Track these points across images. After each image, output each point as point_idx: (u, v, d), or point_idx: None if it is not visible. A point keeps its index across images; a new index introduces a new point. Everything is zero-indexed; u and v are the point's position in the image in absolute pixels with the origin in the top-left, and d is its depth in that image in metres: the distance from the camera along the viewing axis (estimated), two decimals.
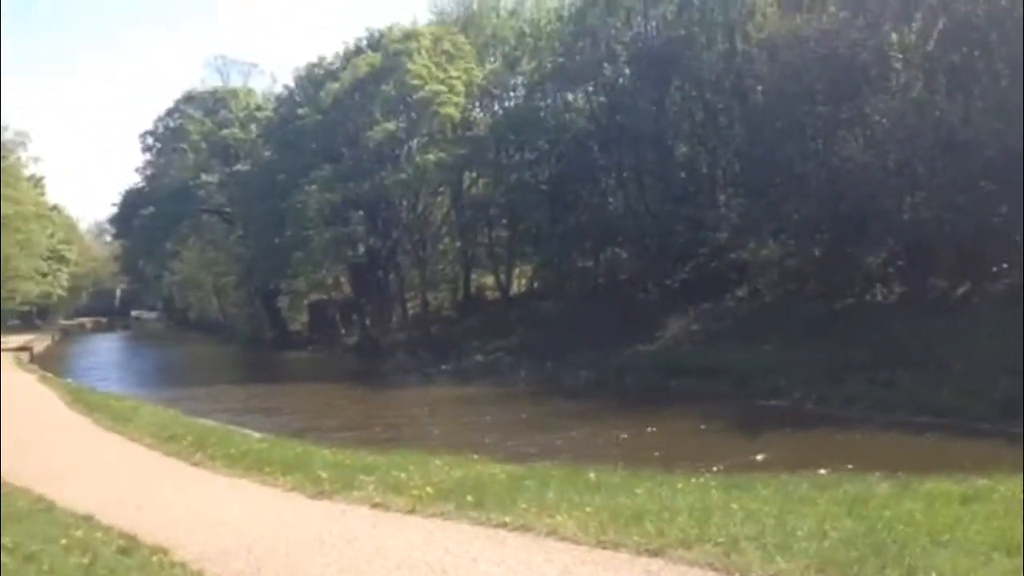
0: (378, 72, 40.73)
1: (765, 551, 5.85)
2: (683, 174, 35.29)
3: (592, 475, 9.50)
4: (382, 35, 43.35)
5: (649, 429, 19.72)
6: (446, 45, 41.60)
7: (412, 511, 8.23)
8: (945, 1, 24.89)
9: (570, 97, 40.07)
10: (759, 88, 29.54)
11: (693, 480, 9.49)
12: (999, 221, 24.40)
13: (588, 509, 7.42)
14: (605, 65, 36.37)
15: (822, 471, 9.86)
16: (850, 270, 28.04)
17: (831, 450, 15.85)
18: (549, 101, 40.52)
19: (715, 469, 12.41)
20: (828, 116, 27.48)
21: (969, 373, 19.69)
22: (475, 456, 12.03)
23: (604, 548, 6.46)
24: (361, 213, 41.46)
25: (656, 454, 15.79)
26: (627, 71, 36.51)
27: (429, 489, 8.70)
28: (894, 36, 24.71)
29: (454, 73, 40.19)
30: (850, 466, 10.74)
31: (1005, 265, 25.31)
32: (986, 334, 21.23)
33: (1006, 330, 20.88)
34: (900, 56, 24.76)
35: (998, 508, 7.54)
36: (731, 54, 32.01)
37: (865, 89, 25.60)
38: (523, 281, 45.19)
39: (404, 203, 43.33)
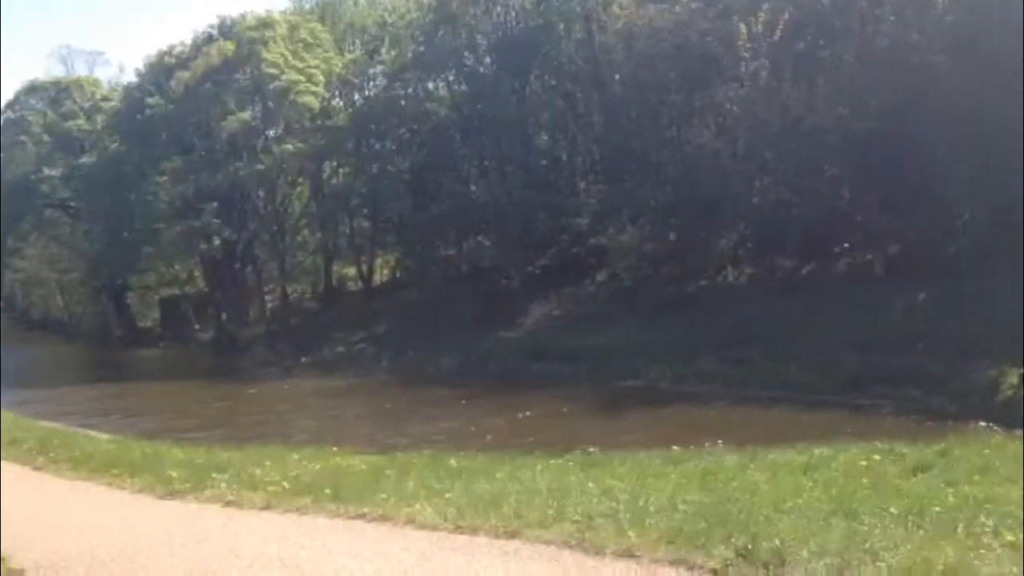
0: (232, 61, 39.46)
1: (619, 527, 5.95)
2: (544, 162, 35.67)
3: (453, 462, 9.51)
4: (234, 23, 42.00)
5: (514, 414, 19.84)
6: (303, 34, 40.66)
7: (267, 507, 8.03)
8: None
9: (431, 86, 39.76)
10: (616, 77, 30.15)
11: (553, 461, 9.59)
12: (842, 203, 25.72)
13: (448, 495, 7.41)
14: (466, 54, 36.34)
15: (675, 447, 10.14)
16: (703, 253, 28.91)
17: (685, 426, 16.38)
18: (410, 90, 40.01)
19: (578, 451, 12.57)
20: (682, 104, 28.36)
21: (814, 349, 20.64)
22: (335, 448, 11.82)
23: (462, 533, 6.46)
24: (215, 205, 40.05)
25: (519, 439, 15.89)
26: (488, 60, 36.58)
27: (285, 484, 8.51)
28: (742, 26, 25.58)
29: (312, 62, 39.30)
30: (703, 441, 11.07)
31: (847, 245, 26.65)
32: (830, 311, 22.28)
33: (848, 307, 22.02)
34: (748, 45, 25.66)
35: (837, 475, 7.93)
36: (589, 43, 32.51)
37: (716, 78, 26.46)
38: (385, 271, 44.65)
39: (261, 194, 42.20)
